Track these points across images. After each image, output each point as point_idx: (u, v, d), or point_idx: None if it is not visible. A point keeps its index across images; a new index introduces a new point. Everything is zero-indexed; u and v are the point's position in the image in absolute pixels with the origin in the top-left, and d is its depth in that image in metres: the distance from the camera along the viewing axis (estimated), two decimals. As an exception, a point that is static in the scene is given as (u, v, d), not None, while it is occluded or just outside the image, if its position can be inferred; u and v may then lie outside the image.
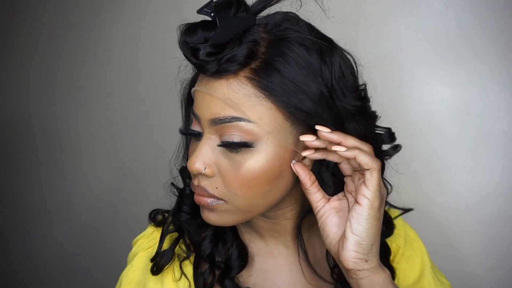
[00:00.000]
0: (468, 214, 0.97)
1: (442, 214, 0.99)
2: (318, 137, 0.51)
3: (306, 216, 0.60)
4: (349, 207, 0.53)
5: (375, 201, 0.50)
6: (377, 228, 0.51)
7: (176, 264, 0.60)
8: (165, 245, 0.61)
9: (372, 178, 0.50)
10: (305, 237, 0.62)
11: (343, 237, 0.51)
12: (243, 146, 0.50)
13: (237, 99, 0.49)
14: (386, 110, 0.61)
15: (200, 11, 0.48)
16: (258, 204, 0.54)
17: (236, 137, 0.50)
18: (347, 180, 0.54)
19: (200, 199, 0.54)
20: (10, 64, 1.59)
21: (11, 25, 1.56)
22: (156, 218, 0.66)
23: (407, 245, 0.69)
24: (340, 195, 0.55)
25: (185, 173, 0.65)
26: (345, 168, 0.53)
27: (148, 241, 0.64)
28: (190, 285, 0.59)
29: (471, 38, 0.94)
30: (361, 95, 0.56)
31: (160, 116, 1.26)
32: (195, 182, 0.54)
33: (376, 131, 0.59)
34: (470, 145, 0.96)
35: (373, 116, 0.58)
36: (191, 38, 0.49)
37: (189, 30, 0.50)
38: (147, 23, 1.29)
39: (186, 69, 0.60)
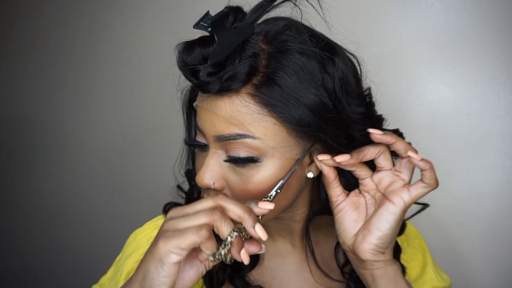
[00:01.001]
0: (468, 214, 0.97)
1: (442, 214, 0.99)
2: (332, 157, 0.53)
3: (314, 218, 0.61)
4: (366, 204, 0.55)
5: (409, 205, 0.52)
6: (399, 226, 0.53)
7: None
8: None
9: (420, 188, 0.51)
10: (312, 237, 0.63)
11: (364, 230, 0.53)
12: (250, 161, 0.51)
13: (240, 117, 0.49)
14: (386, 110, 0.61)
15: (196, 26, 0.47)
16: (268, 212, 0.54)
17: (242, 153, 0.50)
18: (366, 181, 0.55)
19: None
20: (12, 65, 1.60)
21: (13, 25, 1.57)
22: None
23: (408, 241, 0.69)
24: (357, 191, 0.56)
25: (191, 176, 0.66)
26: (361, 174, 0.55)
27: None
28: (201, 280, 0.61)
29: (471, 38, 0.94)
30: (365, 101, 0.56)
31: (162, 117, 1.27)
32: (204, 195, 0.55)
33: None
34: (470, 145, 0.96)
35: (379, 120, 0.58)
36: (190, 57, 0.49)
37: (186, 49, 0.49)
38: (150, 25, 1.30)
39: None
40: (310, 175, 0.55)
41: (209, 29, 0.46)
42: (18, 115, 1.60)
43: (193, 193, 0.65)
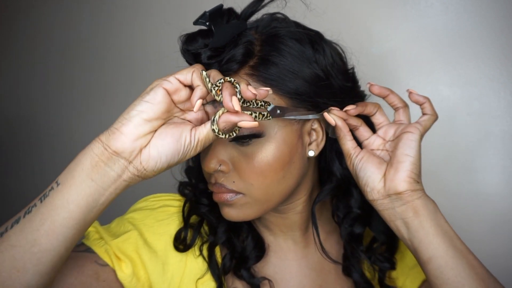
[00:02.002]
0: (468, 214, 0.97)
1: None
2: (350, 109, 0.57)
3: (318, 203, 0.63)
4: (375, 155, 0.58)
5: (423, 134, 0.56)
6: (420, 151, 0.56)
7: (197, 243, 0.63)
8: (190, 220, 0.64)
9: (426, 117, 0.57)
10: (310, 233, 0.65)
11: (394, 165, 0.55)
12: (253, 137, 0.53)
13: None
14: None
15: (196, 23, 0.51)
16: (274, 192, 0.57)
17: (245, 130, 0.52)
18: (371, 138, 0.59)
19: (219, 196, 0.57)
20: (13, 65, 1.60)
21: (13, 25, 1.57)
22: (184, 191, 0.67)
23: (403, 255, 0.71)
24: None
25: (192, 173, 0.67)
26: (364, 131, 0.59)
27: (176, 201, 0.65)
28: (207, 265, 0.62)
29: (471, 38, 0.94)
30: (350, 77, 0.61)
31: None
32: (212, 180, 0.57)
33: None
34: (470, 145, 0.96)
35: (362, 95, 0.63)
36: (192, 46, 0.52)
37: (189, 39, 0.53)
38: (152, 26, 1.30)
39: None
40: (311, 153, 0.58)
41: (207, 24, 0.51)
42: (20, 115, 1.61)
43: (198, 184, 0.66)
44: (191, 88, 0.48)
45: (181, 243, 0.61)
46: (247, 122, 0.46)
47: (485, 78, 0.94)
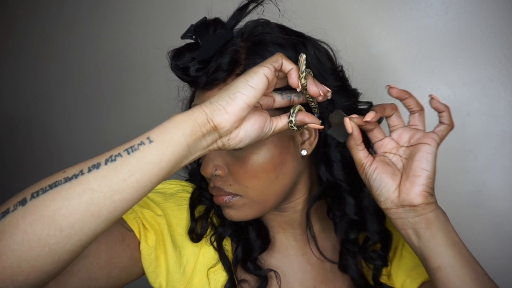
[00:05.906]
0: (468, 214, 0.97)
1: (442, 214, 0.99)
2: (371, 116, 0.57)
3: (314, 204, 0.64)
4: (392, 161, 0.57)
5: (439, 144, 0.56)
6: (435, 165, 0.55)
7: (210, 232, 0.65)
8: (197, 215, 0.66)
9: (443, 127, 0.57)
10: (310, 232, 0.66)
11: (409, 177, 0.54)
12: None
13: None
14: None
15: (183, 37, 0.53)
16: (269, 192, 0.59)
17: None
18: (385, 141, 0.58)
19: (218, 199, 0.60)
20: (12, 65, 1.60)
21: (11, 25, 1.57)
22: (193, 180, 0.70)
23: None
24: (376, 155, 0.59)
25: (194, 175, 0.70)
26: (377, 132, 0.58)
27: (191, 188, 0.68)
28: (218, 255, 0.64)
29: (471, 38, 0.94)
30: (339, 76, 0.62)
31: (161, 117, 1.26)
32: (211, 184, 0.60)
33: (359, 107, 0.65)
34: (470, 145, 0.96)
35: (355, 94, 0.64)
36: (180, 61, 0.55)
37: (177, 54, 0.55)
38: (151, 27, 1.30)
39: (185, 89, 0.67)
40: (304, 152, 0.60)
41: (194, 37, 0.53)
42: (19, 115, 1.61)
43: (201, 183, 0.68)
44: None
45: (193, 233, 0.64)
46: (316, 124, 0.52)
47: (485, 78, 0.93)
